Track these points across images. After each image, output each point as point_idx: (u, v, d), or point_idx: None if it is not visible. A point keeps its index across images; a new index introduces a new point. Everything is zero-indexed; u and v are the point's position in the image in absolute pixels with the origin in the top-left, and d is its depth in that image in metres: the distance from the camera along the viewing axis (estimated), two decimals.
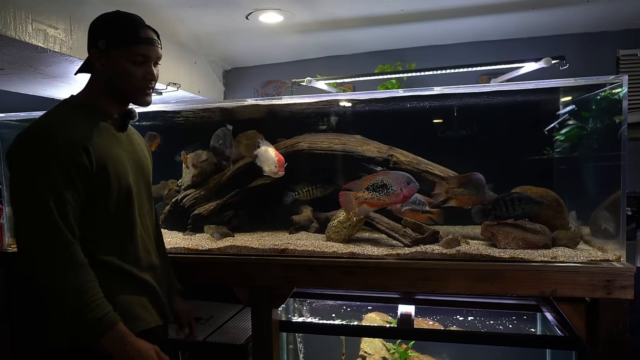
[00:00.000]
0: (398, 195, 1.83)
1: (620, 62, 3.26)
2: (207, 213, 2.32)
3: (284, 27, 3.09)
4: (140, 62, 1.35)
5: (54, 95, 3.30)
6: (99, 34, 1.34)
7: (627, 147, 1.64)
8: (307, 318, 2.82)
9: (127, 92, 1.38)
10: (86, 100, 1.38)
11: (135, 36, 1.33)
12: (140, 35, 1.34)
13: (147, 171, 1.53)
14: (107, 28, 1.34)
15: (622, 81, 1.65)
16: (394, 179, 1.84)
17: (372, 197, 1.85)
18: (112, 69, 1.34)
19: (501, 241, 1.86)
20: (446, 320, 2.66)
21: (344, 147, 2.29)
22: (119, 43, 1.33)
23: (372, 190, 1.85)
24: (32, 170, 1.21)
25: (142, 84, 1.38)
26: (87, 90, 1.40)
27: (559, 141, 2.24)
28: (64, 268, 1.20)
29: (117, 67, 1.34)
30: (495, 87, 2.60)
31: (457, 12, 2.89)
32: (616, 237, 1.69)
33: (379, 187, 1.84)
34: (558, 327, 1.97)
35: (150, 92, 1.42)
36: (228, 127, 2.26)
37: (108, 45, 1.32)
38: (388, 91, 2.95)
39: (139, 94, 1.40)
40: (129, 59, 1.34)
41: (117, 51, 1.33)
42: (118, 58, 1.33)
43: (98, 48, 1.33)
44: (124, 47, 1.33)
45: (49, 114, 1.33)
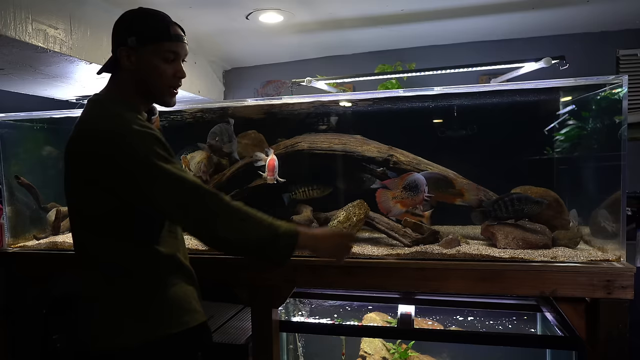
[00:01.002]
0: (421, 196, 1.78)
1: (620, 62, 3.26)
2: None
3: (284, 27, 3.09)
4: (171, 60, 1.34)
5: (54, 95, 3.30)
6: (128, 32, 1.30)
7: (627, 147, 1.64)
8: (307, 318, 2.82)
9: (156, 90, 1.36)
10: (125, 99, 1.34)
11: (167, 33, 1.32)
12: (171, 32, 1.32)
13: None
14: (137, 25, 1.31)
15: (622, 81, 1.65)
16: (421, 180, 1.78)
17: (406, 197, 1.80)
18: (143, 67, 1.31)
19: (501, 241, 1.86)
20: (446, 320, 2.66)
21: (344, 147, 2.29)
22: (150, 40, 1.30)
23: (408, 189, 1.80)
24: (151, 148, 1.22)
25: (172, 82, 1.37)
26: (119, 88, 1.35)
27: (559, 141, 2.24)
28: (235, 210, 1.24)
29: (149, 65, 1.31)
30: (495, 87, 2.60)
31: (457, 12, 2.89)
32: (616, 237, 1.69)
33: (412, 187, 1.79)
34: (558, 327, 1.97)
35: (176, 92, 1.41)
36: (230, 121, 2.23)
37: (139, 42, 1.29)
38: (388, 91, 2.95)
39: (167, 93, 1.38)
40: (160, 56, 1.31)
41: (148, 48, 1.30)
42: (149, 55, 1.31)
43: (128, 45, 1.29)
44: (156, 45, 1.31)
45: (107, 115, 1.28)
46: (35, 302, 2.28)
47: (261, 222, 1.25)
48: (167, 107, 1.42)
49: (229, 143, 2.22)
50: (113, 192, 1.24)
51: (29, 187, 2.37)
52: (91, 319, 1.29)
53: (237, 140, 2.31)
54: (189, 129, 2.57)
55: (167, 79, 1.34)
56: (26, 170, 2.40)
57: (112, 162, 1.21)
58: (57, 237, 2.32)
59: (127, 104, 1.33)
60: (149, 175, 1.21)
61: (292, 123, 2.52)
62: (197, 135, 2.34)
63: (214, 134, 2.19)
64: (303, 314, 2.83)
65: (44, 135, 2.55)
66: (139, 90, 1.35)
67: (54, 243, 2.24)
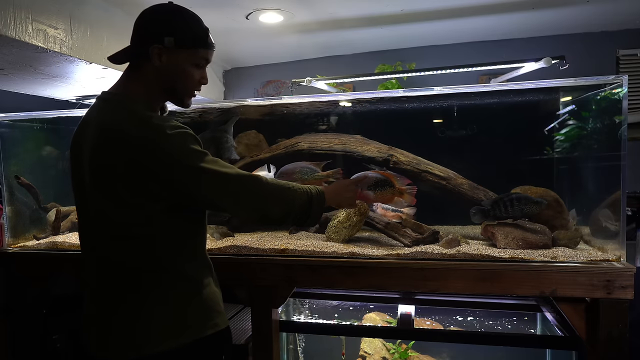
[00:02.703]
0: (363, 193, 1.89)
1: (620, 62, 3.26)
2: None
3: (284, 27, 3.09)
4: (201, 66, 1.37)
5: (54, 95, 3.30)
6: (166, 31, 1.28)
7: (627, 147, 1.64)
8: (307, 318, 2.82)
9: (180, 92, 1.36)
10: (145, 97, 1.32)
11: (205, 41, 1.33)
12: (208, 41, 1.35)
13: None
14: (177, 26, 1.29)
15: (622, 81, 1.65)
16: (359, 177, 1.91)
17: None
18: (174, 68, 1.30)
19: (501, 241, 1.86)
20: (446, 320, 2.66)
21: (344, 147, 2.29)
22: (189, 45, 1.30)
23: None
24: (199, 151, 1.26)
25: (196, 87, 1.39)
26: (136, 84, 1.32)
27: (559, 141, 2.24)
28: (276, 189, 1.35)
29: (180, 67, 1.31)
30: (495, 87, 2.60)
31: (457, 12, 2.89)
32: (616, 237, 1.69)
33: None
34: (558, 327, 1.97)
35: (194, 96, 1.43)
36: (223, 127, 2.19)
37: (177, 44, 1.28)
38: (388, 91, 2.95)
39: (189, 96, 1.39)
40: (194, 61, 1.33)
41: (184, 52, 1.30)
42: (183, 58, 1.31)
43: (164, 44, 1.27)
44: (193, 50, 1.31)
45: (135, 110, 1.27)
46: (35, 302, 2.28)
47: (297, 191, 1.38)
48: (183, 108, 1.42)
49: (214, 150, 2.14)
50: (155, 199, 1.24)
51: (29, 187, 2.37)
52: (126, 326, 1.26)
53: (232, 142, 2.25)
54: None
55: (193, 83, 1.36)
56: (26, 170, 2.40)
57: (150, 171, 1.20)
58: (57, 237, 2.32)
59: (147, 103, 1.32)
60: (192, 179, 1.23)
61: (292, 123, 2.52)
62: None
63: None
64: (303, 314, 2.83)
65: (44, 135, 2.55)
66: (160, 89, 1.34)
67: (54, 243, 2.24)
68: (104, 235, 1.29)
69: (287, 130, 2.45)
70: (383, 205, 2.01)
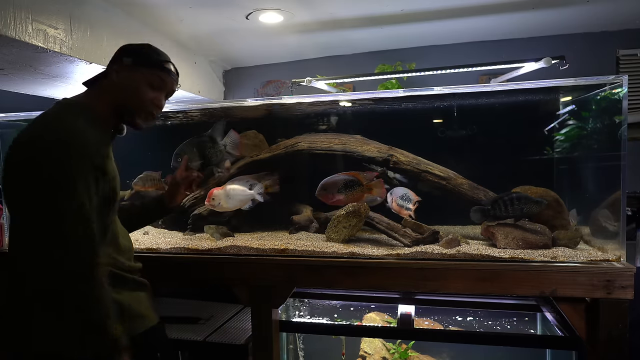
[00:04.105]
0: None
1: (620, 62, 3.25)
2: (207, 213, 2.31)
3: (284, 27, 3.09)
4: (155, 87, 1.41)
5: (54, 95, 3.30)
6: (127, 54, 1.40)
7: (627, 147, 1.64)
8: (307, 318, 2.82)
9: (131, 109, 1.39)
10: (91, 109, 1.36)
11: (160, 64, 1.42)
12: (164, 65, 1.43)
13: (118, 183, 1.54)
14: (137, 51, 1.42)
15: (622, 81, 1.65)
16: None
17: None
18: (127, 85, 1.38)
19: (501, 241, 1.86)
20: (446, 320, 2.66)
21: (344, 147, 2.29)
22: (144, 63, 1.40)
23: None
24: (68, 175, 1.17)
25: (149, 108, 1.42)
26: (91, 99, 1.38)
27: (559, 141, 2.24)
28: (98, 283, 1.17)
29: (134, 84, 1.38)
30: (495, 87, 2.60)
31: (457, 12, 2.89)
32: (616, 237, 1.69)
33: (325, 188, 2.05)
34: (558, 327, 1.98)
35: (150, 120, 1.44)
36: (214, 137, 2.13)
37: (134, 63, 1.38)
38: (388, 91, 2.94)
39: (142, 116, 1.41)
40: (148, 80, 1.40)
41: (139, 70, 1.39)
42: (138, 76, 1.39)
43: (122, 64, 1.38)
44: (147, 69, 1.40)
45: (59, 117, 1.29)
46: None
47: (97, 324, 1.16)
48: (139, 129, 1.44)
49: (198, 162, 2.07)
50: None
51: None
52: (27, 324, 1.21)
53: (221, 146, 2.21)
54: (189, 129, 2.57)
55: (144, 101, 1.40)
56: None
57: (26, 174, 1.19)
58: None
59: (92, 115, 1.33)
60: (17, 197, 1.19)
61: (292, 123, 2.52)
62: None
63: (177, 155, 2.09)
64: (303, 314, 2.83)
65: None
66: (113, 105, 1.38)
67: None
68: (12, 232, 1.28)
69: (287, 130, 2.45)
70: (398, 202, 2.01)
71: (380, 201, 2.06)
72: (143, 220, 1.76)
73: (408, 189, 2.04)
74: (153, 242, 2.16)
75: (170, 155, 2.20)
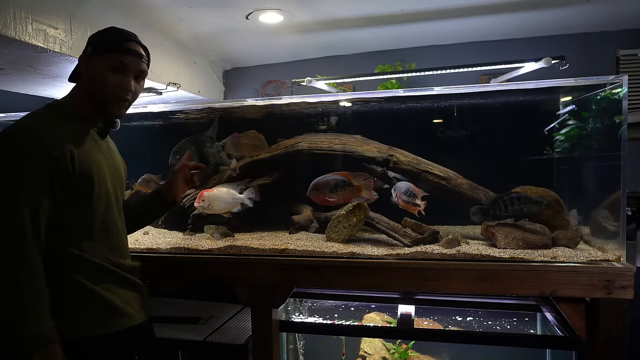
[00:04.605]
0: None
1: (620, 62, 3.25)
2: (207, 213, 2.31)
3: (284, 27, 3.09)
4: (118, 70, 1.38)
5: (54, 95, 3.30)
6: (88, 43, 1.41)
7: (627, 147, 1.64)
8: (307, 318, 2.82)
9: (101, 98, 1.39)
10: (69, 105, 1.40)
11: (116, 44, 1.39)
12: (121, 45, 1.39)
13: (122, 178, 1.56)
14: (96, 37, 1.42)
15: (622, 81, 1.65)
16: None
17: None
18: (92, 74, 1.38)
19: (501, 241, 1.86)
20: (446, 320, 2.66)
21: (344, 147, 2.29)
22: (102, 49, 1.38)
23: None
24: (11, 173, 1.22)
25: (117, 93, 1.39)
26: (71, 95, 1.43)
27: (559, 141, 2.24)
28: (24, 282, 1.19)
29: (96, 73, 1.38)
30: (495, 87, 2.60)
31: (457, 12, 2.89)
32: (616, 237, 1.69)
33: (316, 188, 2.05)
34: (558, 327, 1.98)
35: (125, 105, 1.43)
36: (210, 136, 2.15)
37: (93, 51, 1.38)
38: (388, 91, 2.95)
39: (112, 102, 1.40)
40: (108, 64, 1.37)
41: (98, 57, 1.38)
42: (98, 64, 1.38)
43: (86, 53, 1.40)
44: (105, 53, 1.38)
45: (32, 115, 1.34)
46: None
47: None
48: (114, 117, 1.45)
49: (196, 160, 2.05)
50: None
51: None
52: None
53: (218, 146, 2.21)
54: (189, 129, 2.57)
55: (110, 88, 1.38)
56: None
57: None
58: None
59: (74, 111, 1.38)
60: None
61: (292, 123, 2.52)
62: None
63: (175, 152, 2.11)
64: (303, 314, 2.83)
65: None
66: (88, 97, 1.40)
67: None
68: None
69: (287, 130, 2.44)
70: (404, 198, 2.01)
71: (369, 202, 2.08)
72: (142, 217, 1.72)
73: (410, 183, 2.03)
74: (153, 242, 2.16)
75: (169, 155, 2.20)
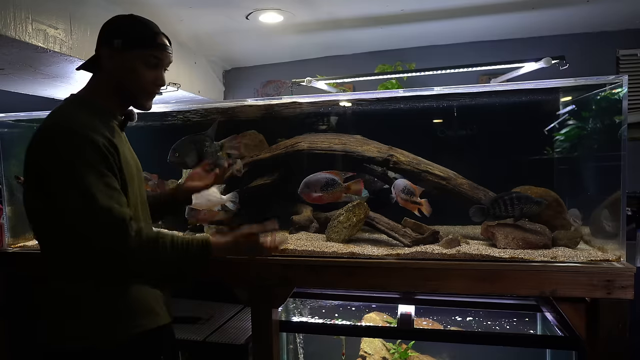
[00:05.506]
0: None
1: (620, 62, 3.25)
2: None
3: (284, 27, 3.09)
4: (153, 65, 1.37)
5: (54, 95, 3.30)
6: (115, 34, 1.34)
7: (627, 147, 1.64)
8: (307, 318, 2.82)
9: (134, 94, 1.38)
10: (94, 100, 1.36)
11: (153, 40, 1.36)
12: (157, 40, 1.37)
13: (141, 172, 1.54)
14: (125, 29, 1.35)
15: (622, 81, 1.65)
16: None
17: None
18: (124, 69, 1.34)
19: (501, 241, 1.86)
20: (446, 320, 2.66)
21: (344, 147, 2.29)
22: (136, 44, 1.34)
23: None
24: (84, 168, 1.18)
25: (151, 88, 1.39)
26: (92, 89, 1.38)
27: (559, 141, 2.24)
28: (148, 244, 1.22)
29: (130, 68, 1.34)
30: (495, 87, 2.60)
31: (457, 12, 2.89)
32: (616, 237, 1.69)
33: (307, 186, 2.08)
34: (558, 327, 1.97)
35: (153, 98, 1.43)
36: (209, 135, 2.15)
37: (125, 45, 1.32)
38: (388, 91, 2.95)
39: (145, 97, 1.40)
40: (144, 61, 1.35)
41: (132, 52, 1.33)
42: (132, 59, 1.33)
43: (113, 47, 1.32)
44: (141, 49, 1.34)
45: (66, 113, 1.29)
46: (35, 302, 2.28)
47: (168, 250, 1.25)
48: (144, 110, 1.43)
49: (195, 158, 2.07)
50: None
51: None
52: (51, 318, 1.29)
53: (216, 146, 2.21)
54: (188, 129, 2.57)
55: (146, 83, 1.37)
56: None
57: (36, 162, 1.22)
58: None
59: (98, 107, 1.34)
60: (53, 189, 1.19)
61: (292, 123, 2.52)
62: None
63: (174, 150, 2.09)
64: (303, 314, 2.83)
65: None
66: (115, 92, 1.37)
67: None
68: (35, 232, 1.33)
69: (287, 130, 2.44)
70: (402, 196, 2.01)
71: (357, 200, 2.11)
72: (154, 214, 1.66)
73: (407, 181, 2.03)
74: None
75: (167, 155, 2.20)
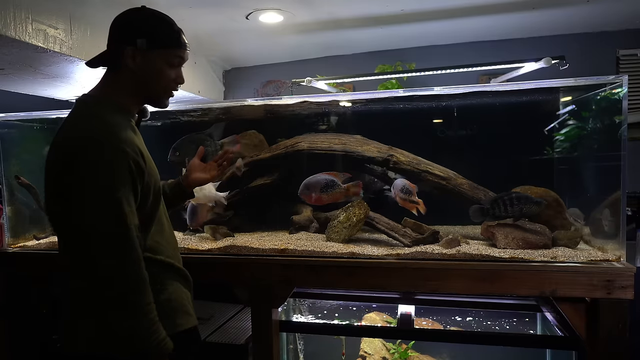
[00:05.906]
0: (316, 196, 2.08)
1: (620, 62, 3.25)
2: None
3: (284, 27, 3.09)
4: (175, 65, 1.37)
5: (54, 95, 3.30)
6: (138, 33, 1.30)
7: (627, 147, 1.64)
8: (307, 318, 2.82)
9: (155, 93, 1.37)
10: (111, 98, 1.32)
11: (178, 40, 1.35)
12: (181, 40, 1.36)
13: (156, 169, 1.51)
14: (148, 28, 1.31)
15: (622, 81, 1.65)
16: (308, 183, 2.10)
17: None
18: (149, 69, 1.32)
19: (501, 241, 1.86)
20: (446, 320, 2.66)
21: (344, 147, 2.29)
22: (161, 45, 1.32)
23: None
24: (104, 175, 1.16)
25: (172, 86, 1.39)
26: (109, 87, 1.34)
27: (559, 141, 2.24)
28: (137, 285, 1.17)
29: (154, 68, 1.32)
30: (495, 87, 2.60)
31: (457, 12, 2.89)
32: (616, 237, 1.69)
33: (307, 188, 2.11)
34: (558, 327, 1.97)
35: (172, 95, 1.42)
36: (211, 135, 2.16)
37: (150, 45, 1.30)
38: (388, 91, 2.94)
39: (165, 96, 1.40)
40: (167, 61, 1.34)
41: (157, 52, 1.31)
42: (156, 59, 1.32)
43: (136, 46, 1.29)
44: (165, 49, 1.32)
45: (87, 118, 1.25)
46: (36, 302, 2.28)
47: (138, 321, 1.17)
48: (163, 108, 1.42)
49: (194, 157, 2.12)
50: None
51: (29, 187, 2.37)
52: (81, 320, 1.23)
53: (218, 147, 2.22)
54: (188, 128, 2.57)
55: (168, 82, 1.36)
56: (26, 170, 2.40)
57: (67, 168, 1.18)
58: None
59: (117, 106, 1.31)
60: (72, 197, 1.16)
61: (292, 123, 2.52)
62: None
63: (174, 149, 2.11)
64: (303, 314, 2.83)
65: (44, 135, 2.55)
66: (136, 91, 1.34)
67: (54, 243, 2.24)
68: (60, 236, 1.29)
69: (287, 130, 2.44)
70: (401, 195, 2.01)
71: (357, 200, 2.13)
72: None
73: (406, 180, 2.04)
74: None
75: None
